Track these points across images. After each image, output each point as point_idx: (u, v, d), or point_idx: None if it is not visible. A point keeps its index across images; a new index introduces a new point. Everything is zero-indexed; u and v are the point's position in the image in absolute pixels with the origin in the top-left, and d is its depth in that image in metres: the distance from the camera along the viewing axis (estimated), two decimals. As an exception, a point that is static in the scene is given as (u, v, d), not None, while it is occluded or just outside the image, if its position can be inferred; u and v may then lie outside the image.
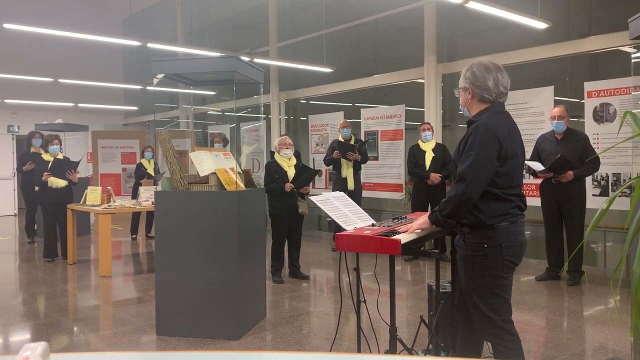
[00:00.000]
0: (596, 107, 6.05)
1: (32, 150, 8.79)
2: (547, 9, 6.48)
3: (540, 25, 6.29)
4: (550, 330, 4.33)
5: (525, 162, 5.65)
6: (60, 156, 7.47)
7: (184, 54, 10.68)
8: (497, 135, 2.48)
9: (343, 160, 7.49)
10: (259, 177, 9.19)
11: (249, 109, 11.55)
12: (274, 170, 5.96)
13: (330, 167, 7.91)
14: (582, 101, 6.19)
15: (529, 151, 5.94)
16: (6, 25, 6.41)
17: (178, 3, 13.73)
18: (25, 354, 1.03)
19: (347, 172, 7.53)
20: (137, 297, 5.66)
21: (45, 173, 7.19)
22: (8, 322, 4.72)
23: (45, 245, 7.47)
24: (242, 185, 4.44)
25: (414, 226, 2.71)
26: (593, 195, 5.99)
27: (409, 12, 7.65)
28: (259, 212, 4.69)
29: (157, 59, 4.34)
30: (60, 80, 10.94)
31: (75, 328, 4.54)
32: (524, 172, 6.49)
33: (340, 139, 7.64)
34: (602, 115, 6.01)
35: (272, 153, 6.20)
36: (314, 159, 9.73)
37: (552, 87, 6.53)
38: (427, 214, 2.74)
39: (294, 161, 6.11)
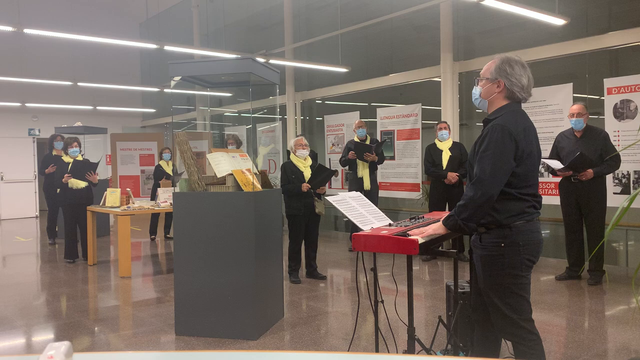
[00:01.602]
0: (616, 103, 5.96)
1: (54, 152, 8.94)
2: (565, 5, 6.41)
3: (558, 21, 6.22)
4: (571, 330, 4.28)
5: (544, 160, 5.59)
6: (79, 158, 7.58)
7: (200, 56, 10.77)
8: (514, 135, 2.46)
9: (359, 160, 7.48)
10: (276, 177, 9.23)
11: (265, 110, 11.60)
12: (290, 171, 5.98)
13: (347, 167, 7.90)
14: (602, 98, 6.10)
15: (547, 149, 5.88)
16: (26, 31, 6.53)
17: (194, 5, 13.84)
18: (50, 352, 1.05)
19: (363, 172, 7.52)
20: (156, 297, 5.72)
21: (66, 175, 7.30)
22: (31, 322, 4.80)
23: (66, 247, 7.58)
24: (258, 186, 4.46)
25: (428, 231, 2.66)
26: (614, 193, 5.90)
27: (425, 11, 7.61)
28: (276, 213, 4.71)
29: (174, 61, 4.38)
30: (79, 83, 11.10)
31: (96, 328, 4.61)
32: (543, 171, 6.42)
33: (356, 139, 7.63)
34: (623, 112, 5.92)
35: (289, 152, 6.21)
36: (329, 159, 9.73)
37: (571, 84, 6.45)
38: (442, 218, 2.70)
39: (309, 161, 6.12)
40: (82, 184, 7.40)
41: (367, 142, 7.61)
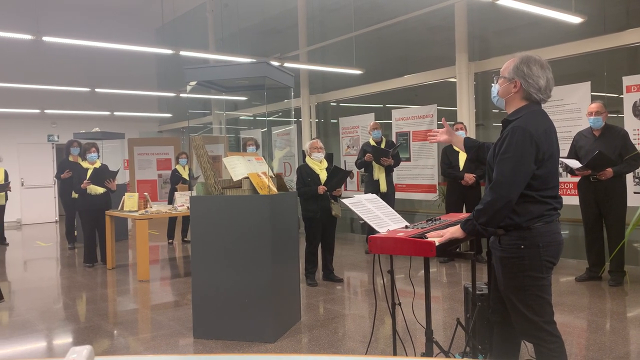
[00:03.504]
0: (636, 102, 5.87)
1: (70, 158, 9.06)
2: (582, 3, 6.33)
3: (575, 19, 6.15)
4: (592, 332, 4.21)
5: (562, 159, 5.52)
6: (98, 164, 7.65)
7: (216, 61, 10.84)
8: (534, 137, 2.41)
9: (375, 163, 7.46)
10: (291, 180, 9.25)
11: (280, 113, 11.63)
12: (305, 174, 5.98)
13: (362, 169, 7.88)
14: (621, 96, 6.01)
15: (565, 149, 5.80)
16: (45, 39, 6.63)
17: (209, 10, 13.93)
18: (72, 356, 1.06)
19: (380, 174, 7.50)
20: (175, 300, 5.76)
21: (85, 181, 7.39)
22: (51, 325, 4.86)
23: (85, 251, 7.67)
24: (274, 189, 4.47)
25: (446, 235, 2.63)
26: (634, 192, 5.80)
27: (439, 11, 7.56)
28: (292, 215, 4.72)
29: (190, 66, 4.41)
30: (97, 89, 11.24)
31: (115, 331, 4.65)
32: (561, 170, 6.34)
33: (371, 140, 7.62)
34: (643, 110, 5.82)
35: (304, 153, 6.21)
36: (345, 161, 9.73)
37: (589, 82, 6.37)
38: (460, 222, 2.66)
39: (325, 164, 6.12)
40: (100, 190, 7.47)
41: (383, 144, 7.59)
